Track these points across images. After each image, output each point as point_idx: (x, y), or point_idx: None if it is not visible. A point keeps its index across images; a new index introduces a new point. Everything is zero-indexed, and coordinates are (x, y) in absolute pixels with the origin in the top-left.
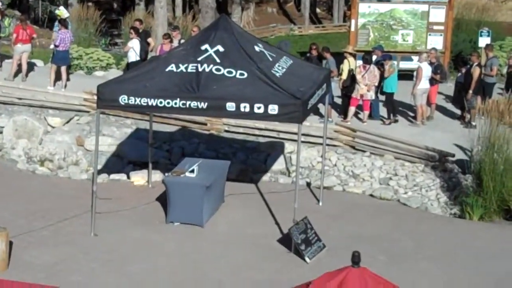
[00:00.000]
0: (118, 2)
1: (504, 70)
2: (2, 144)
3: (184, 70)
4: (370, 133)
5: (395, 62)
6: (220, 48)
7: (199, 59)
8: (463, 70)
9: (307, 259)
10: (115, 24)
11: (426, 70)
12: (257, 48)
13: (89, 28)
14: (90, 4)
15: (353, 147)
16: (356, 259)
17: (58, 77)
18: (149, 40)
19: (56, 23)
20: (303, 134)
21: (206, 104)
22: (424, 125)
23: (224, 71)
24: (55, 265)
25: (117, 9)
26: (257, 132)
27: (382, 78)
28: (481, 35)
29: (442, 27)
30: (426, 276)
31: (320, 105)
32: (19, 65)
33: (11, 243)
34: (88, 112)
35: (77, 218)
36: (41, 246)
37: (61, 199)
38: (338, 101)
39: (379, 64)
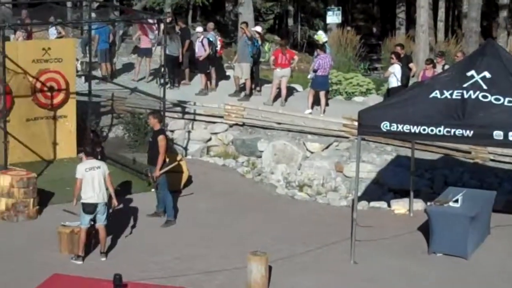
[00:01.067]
0: (377, 26)
1: None
2: (261, 168)
3: (449, 97)
4: None
5: None
6: (487, 74)
7: (465, 85)
8: None
9: None
10: (374, 49)
11: None
12: None
13: (348, 53)
14: (349, 28)
15: None
16: None
17: (316, 101)
18: (411, 65)
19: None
20: None
21: (471, 132)
22: None
23: (491, 98)
24: None
25: (376, 33)
26: None
27: None
28: None
29: None
30: None
31: None
32: (279, 90)
33: (270, 268)
34: (347, 138)
35: (336, 245)
36: (300, 272)
37: (320, 225)
38: None
39: None
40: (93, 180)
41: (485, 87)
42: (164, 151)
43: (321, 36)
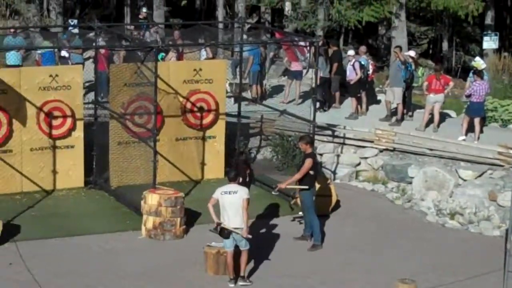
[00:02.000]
0: None
1: None
2: (411, 195)
3: None
4: None
5: None
6: None
7: None
8: None
9: None
10: None
11: None
12: None
13: (504, 79)
14: (506, 54)
15: None
16: None
17: (470, 128)
18: None
19: (471, 73)
20: None
21: None
22: None
23: None
24: None
25: None
26: None
27: None
28: None
29: None
30: None
31: None
32: (431, 116)
33: None
34: (502, 166)
35: (487, 276)
36: None
37: (471, 254)
38: None
39: None
40: (229, 204)
41: None
42: (303, 172)
43: (479, 63)
